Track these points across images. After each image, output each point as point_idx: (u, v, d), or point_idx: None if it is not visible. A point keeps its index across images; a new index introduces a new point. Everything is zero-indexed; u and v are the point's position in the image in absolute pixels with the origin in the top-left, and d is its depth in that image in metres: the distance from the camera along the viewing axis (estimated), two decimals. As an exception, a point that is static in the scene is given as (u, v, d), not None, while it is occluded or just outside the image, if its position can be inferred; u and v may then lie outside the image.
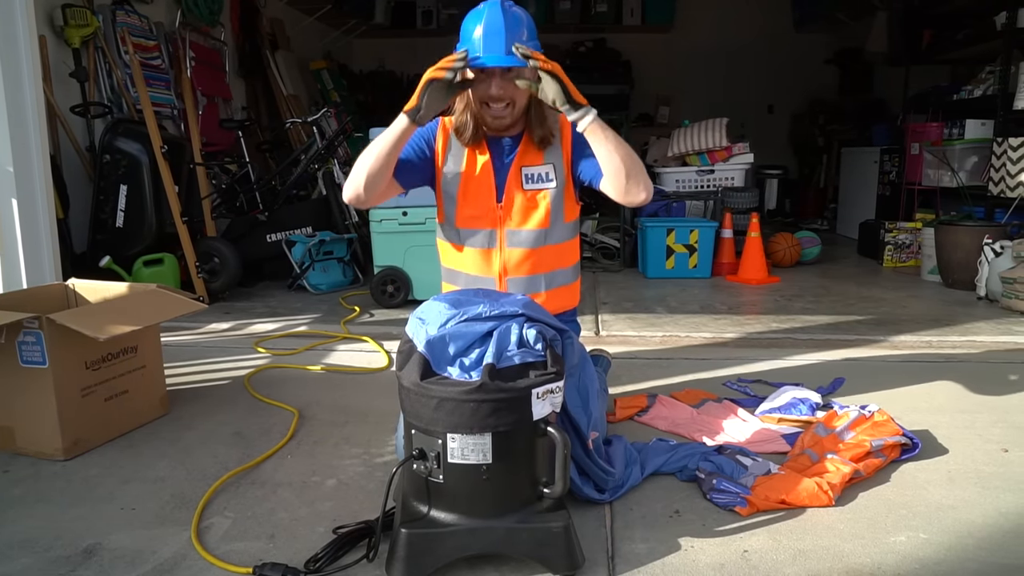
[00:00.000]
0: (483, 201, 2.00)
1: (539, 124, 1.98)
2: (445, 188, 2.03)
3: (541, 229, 2.00)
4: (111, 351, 2.15)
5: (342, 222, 4.55)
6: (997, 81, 4.71)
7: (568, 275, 2.11)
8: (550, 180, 2.00)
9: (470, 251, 2.03)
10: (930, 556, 1.51)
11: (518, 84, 1.83)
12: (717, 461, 1.84)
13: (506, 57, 1.80)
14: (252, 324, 3.51)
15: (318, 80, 7.11)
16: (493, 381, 1.37)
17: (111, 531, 1.63)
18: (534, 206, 1.99)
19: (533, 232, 2.00)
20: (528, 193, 1.99)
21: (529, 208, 1.99)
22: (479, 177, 2.00)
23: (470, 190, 2.00)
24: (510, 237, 2.00)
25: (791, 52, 8.45)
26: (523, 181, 1.99)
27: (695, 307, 3.84)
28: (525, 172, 1.99)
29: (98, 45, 4.11)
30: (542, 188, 2.00)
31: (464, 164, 2.01)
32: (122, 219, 3.90)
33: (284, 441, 2.12)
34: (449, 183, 2.02)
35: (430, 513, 1.44)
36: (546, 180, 2.00)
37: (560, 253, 2.06)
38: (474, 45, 1.82)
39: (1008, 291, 3.66)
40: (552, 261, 2.04)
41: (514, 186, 1.99)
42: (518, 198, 1.99)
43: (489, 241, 2.01)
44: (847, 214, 6.69)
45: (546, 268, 2.03)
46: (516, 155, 2.00)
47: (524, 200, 1.99)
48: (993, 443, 2.08)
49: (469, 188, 2.00)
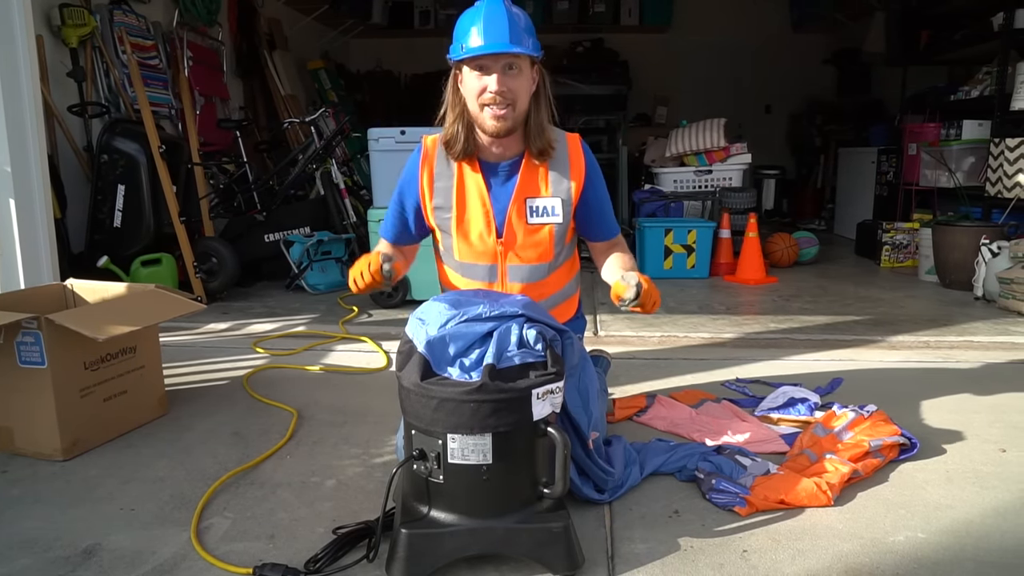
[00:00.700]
0: (481, 237, 1.90)
1: (538, 134, 1.86)
2: (439, 223, 1.93)
3: (544, 263, 1.93)
4: (110, 351, 2.15)
5: (340, 222, 4.55)
6: (994, 82, 4.72)
7: (569, 290, 2.08)
8: (556, 215, 1.89)
9: (470, 283, 1.96)
10: (928, 556, 1.52)
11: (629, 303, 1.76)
12: (716, 461, 1.84)
13: (509, 44, 1.72)
14: (250, 324, 3.51)
15: (316, 80, 7.10)
16: (493, 381, 1.38)
17: (111, 531, 1.63)
18: (538, 240, 1.90)
19: (536, 266, 1.93)
20: (532, 227, 1.89)
21: (532, 242, 1.90)
22: (474, 211, 1.89)
23: (467, 225, 1.90)
24: (512, 272, 1.93)
25: (789, 52, 8.46)
26: (528, 214, 1.88)
27: (693, 307, 3.85)
28: (530, 205, 1.88)
29: (95, 45, 4.10)
30: (547, 223, 1.89)
31: (455, 194, 1.89)
32: (120, 219, 3.89)
33: (283, 441, 2.12)
34: (442, 218, 1.92)
35: (430, 513, 1.45)
36: (552, 215, 1.89)
37: (561, 276, 2.02)
38: (471, 38, 1.75)
39: (1005, 291, 3.67)
40: (553, 287, 2.00)
41: (516, 219, 1.88)
42: (520, 232, 1.88)
43: (489, 275, 1.94)
44: (844, 214, 6.70)
45: (548, 293, 1.98)
46: (517, 184, 1.88)
47: (527, 234, 1.89)
48: (991, 443, 2.09)
49: (465, 223, 1.90)
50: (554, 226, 1.90)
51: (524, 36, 1.77)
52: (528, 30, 1.80)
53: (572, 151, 1.92)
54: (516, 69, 1.78)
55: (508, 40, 1.73)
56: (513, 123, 1.82)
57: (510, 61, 1.76)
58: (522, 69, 1.79)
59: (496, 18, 1.74)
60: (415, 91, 8.56)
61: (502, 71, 1.76)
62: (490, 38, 1.73)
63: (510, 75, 1.78)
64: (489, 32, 1.73)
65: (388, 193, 3.84)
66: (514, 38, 1.74)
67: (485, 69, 1.77)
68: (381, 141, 3.89)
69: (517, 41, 1.74)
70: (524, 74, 1.81)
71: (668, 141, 5.55)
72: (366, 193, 5.23)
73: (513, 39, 1.73)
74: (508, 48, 1.73)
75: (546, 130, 1.89)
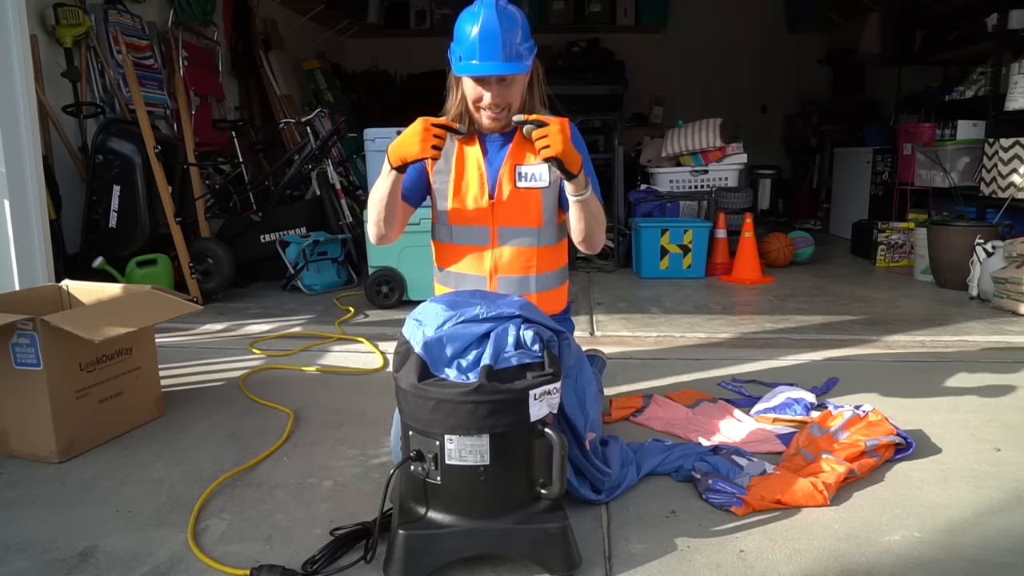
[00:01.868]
0: (475, 198, 1.99)
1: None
2: (437, 186, 2.02)
3: (534, 228, 1.99)
4: (106, 353, 2.15)
5: (336, 222, 4.54)
6: (988, 82, 4.74)
7: (558, 278, 2.10)
8: (542, 180, 1.98)
9: (462, 249, 2.02)
10: (925, 555, 1.52)
11: (515, 119, 1.80)
12: (713, 461, 1.84)
13: (503, 65, 1.79)
14: (246, 325, 3.50)
15: (311, 80, 7.09)
16: (491, 383, 1.38)
17: (107, 533, 1.63)
18: (526, 204, 1.98)
19: (526, 231, 1.99)
20: (521, 191, 1.98)
21: (521, 206, 1.98)
22: (471, 173, 1.99)
23: (462, 186, 1.99)
24: (503, 235, 1.99)
25: (784, 52, 8.48)
26: (516, 179, 1.98)
27: (689, 307, 3.85)
28: (519, 170, 1.98)
29: (90, 45, 4.09)
30: (534, 187, 1.98)
31: (454, 160, 2.00)
32: (115, 220, 3.88)
33: (280, 443, 2.12)
34: (441, 181, 2.02)
35: (428, 514, 1.45)
36: (538, 179, 1.98)
37: (551, 255, 2.05)
38: (468, 50, 1.81)
39: (1000, 291, 3.68)
40: (543, 263, 2.03)
41: (507, 183, 1.98)
42: (511, 195, 1.98)
43: (481, 238, 2.00)
44: (840, 214, 6.72)
45: (537, 270, 2.02)
46: (509, 151, 1.99)
47: (517, 197, 1.98)
48: (986, 442, 2.10)
49: (461, 184, 1.99)
50: (540, 191, 1.98)
51: (519, 48, 1.82)
52: (524, 36, 1.84)
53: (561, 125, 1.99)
54: (510, 80, 1.86)
55: (501, 59, 1.79)
56: (507, 121, 1.93)
57: (503, 75, 1.84)
58: (516, 78, 1.87)
59: (490, 32, 1.77)
60: (411, 91, 8.56)
61: (497, 83, 1.85)
62: (485, 57, 1.79)
63: (504, 86, 1.86)
64: (484, 50, 1.78)
65: (384, 193, 3.88)
66: (507, 54, 1.79)
67: (481, 82, 1.86)
68: (377, 141, 3.89)
69: (511, 57, 1.80)
70: (518, 81, 1.88)
71: (664, 141, 5.56)
72: (362, 193, 5.22)
73: (507, 55, 1.79)
74: (501, 71, 1.80)
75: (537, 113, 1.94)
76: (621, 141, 5.67)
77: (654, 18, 8.37)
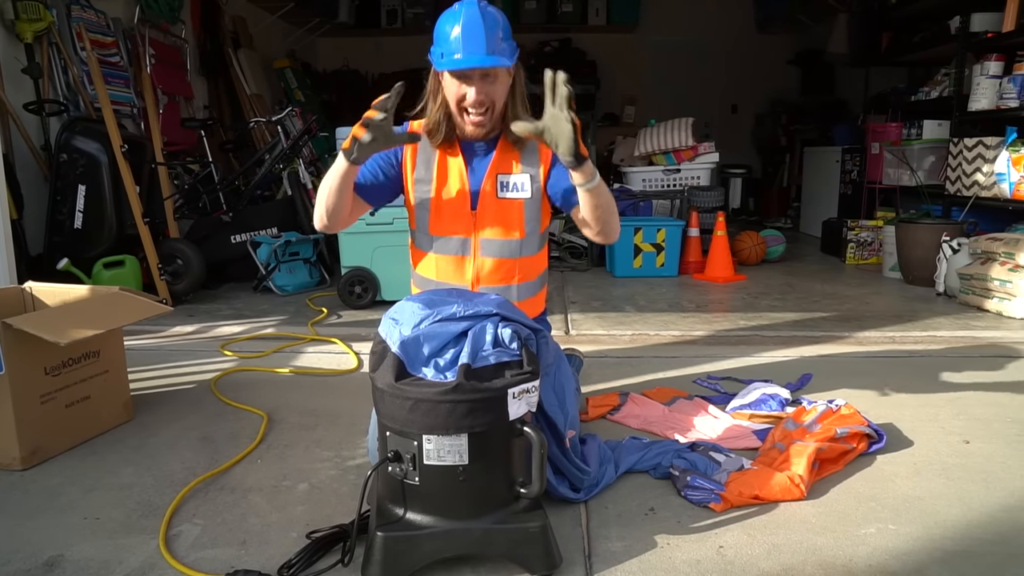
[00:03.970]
0: (457, 208, 1.95)
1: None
2: (417, 196, 1.98)
3: (516, 239, 1.96)
4: (72, 356, 2.09)
5: (308, 222, 4.49)
6: (952, 83, 4.84)
7: (538, 284, 2.09)
8: (524, 190, 1.95)
9: (443, 258, 1.99)
10: (900, 547, 1.54)
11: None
12: (690, 458, 1.85)
13: (487, 57, 1.76)
14: (217, 327, 3.44)
15: (282, 79, 7.01)
16: (469, 381, 1.36)
17: (74, 542, 1.58)
18: (508, 215, 1.95)
19: (508, 242, 1.96)
20: (503, 201, 1.95)
21: (503, 217, 1.95)
22: (453, 183, 1.95)
23: (444, 197, 1.96)
24: (484, 246, 1.96)
25: (754, 53, 8.58)
26: (498, 188, 1.95)
27: (663, 305, 3.87)
28: (500, 180, 1.95)
29: (52, 41, 3.99)
30: (516, 197, 1.95)
31: (436, 169, 1.96)
32: (80, 220, 3.79)
33: (253, 445, 2.09)
34: (421, 190, 1.97)
35: (406, 516, 1.43)
36: (521, 190, 1.95)
37: (532, 264, 2.03)
38: (451, 46, 1.77)
39: (966, 287, 3.76)
40: (525, 272, 2.01)
41: (489, 193, 1.94)
42: (492, 206, 1.95)
43: (463, 249, 1.97)
44: (810, 213, 6.81)
45: (519, 279, 2.00)
46: (492, 160, 1.95)
47: (498, 208, 1.95)
48: (955, 435, 2.13)
49: (442, 195, 1.96)
50: (523, 201, 1.95)
51: (502, 45, 1.79)
52: (506, 35, 1.81)
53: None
54: (493, 76, 1.82)
55: (485, 52, 1.75)
56: (491, 125, 1.89)
57: (487, 70, 1.80)
58: (499, 75, 1.83)
59: (473, 29, 1.75)
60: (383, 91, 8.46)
61: (480, 79, 1.81)
62: (468, 51, 1.75)
63: (488, 82, 1.82)
64: (468, 44, 1.75)
65: (357, 193, 3.84)
66: (491, 48, 1.76)
67: (464, 78, 1.81)
68: (350, 140, 3.84)
69: (494, 52, 1.77)
70: (501, 79, 1.84)
71: (637, 140, 5.58)
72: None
73: (490, 50, 1.76)
74: (485, 63, 1.76)
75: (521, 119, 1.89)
76: (594, 140, 5.69)
77: (625, 18, 8.42)
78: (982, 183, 4.24)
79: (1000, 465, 1.93)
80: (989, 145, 4.20)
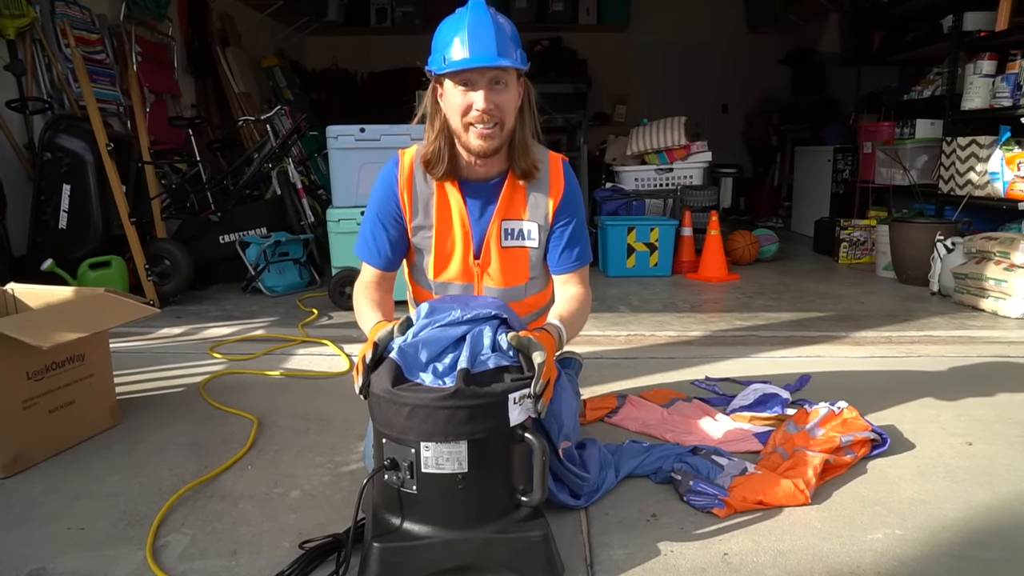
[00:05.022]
0: (460, 257, 1.80)
1: (523, 153, 1.73)
2: (418, 242, 1.83)
3: (520, 285, 1.84)
4: (55, 360, 2.03)
5: (297, 222, 4.43)
6: (945, 82, 4.84)
7: (543, 311, 1.97)
8: (531, 239, 1.79)
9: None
10: (907, 553, 1.51)
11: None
12: (692, 462, 1.81)
13: (498, 57, 1.56)
14: (206, 328, 3.38)
15: (270, 78, 6.93)
16: (468, 386, 1.32)
17: (57, 554, 1.53)
18: (514, 264, 1.81)
19: (512, 288, 1.83)
20: (508, 251, 1.79)
21: (508, 265, 1.80)
22: (455, 232, 1.78)
23: (446, 246, 1.80)
24: (487, 292, 1.83)
25: (744, 52, 8.57)
26: (503, 237, 1.78)
27: (658, 305, 3.84)
28: (506, 227, 1.78)
29: (35, 37, 3.91)
30: (522, 246, 1.80)
31: (435, 214, 1.78)
32: (65, 220, 3.72)
33: (244, 451, 2.03)
34: (423, 236, 1.80)
35: (403, 526, 1.38)
36: (527, 238, 1.80)
37: (538, 299, 1.93)
38: (454, 49, 1.58)
39: (960, 286, 3.74)
40: (530, 307, 1.91)
41: (494, 241, 1.78)
42: (497, 254, 1.79)
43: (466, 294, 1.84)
44: (801, 212, 6.81)
45: (524, 313, 1.87)
46: (498, 205, 1.77)
47: (504, 257, 1.79)
48: (957, 436, 2.11)
49: (445, 244, 1.79)
50: (530, 251, 1.82)
51: (512, 47, 1.61)
52: (515, 40, 1.64)
53: (553, 173, 1.81)
54: (503, 84, 1.62)
55: (495, 52, 1.57)
56: (500, 142, 1.69)
57: (497, 75, 1.61)
58: (509, 84, 1.64)
59: (482, 28, 1.57)
60: (373, 90, 8.44)
61: (489, 86, 1.61)
62: (476, 51, 1.56)
63: (497, 90, 1.62)
64: (475, 44, 1.57)
65: (347, 192, 3.81)
66: (502, 50, 1.58)
67: (471, 84, 1.61)
68: (340, 139, 3.79)
69: (505, 53, 1.58)
70: (511, 89, 1.65)
71: (629, 139, 5.55)
72: (324, 192, 5.11)
73: (501, 51, 1.57)
74: (496, 62, 1.57)
75: (531, 149, 1.75)
76: (585, 139, 5.65)
77: (616, 17, 8.40)
78: (975, 182, 4.23)
79: (1004, 467, 1.91)
80: (982, 144, 4.20)
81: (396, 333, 1.47)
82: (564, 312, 1.72)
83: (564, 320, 1.65)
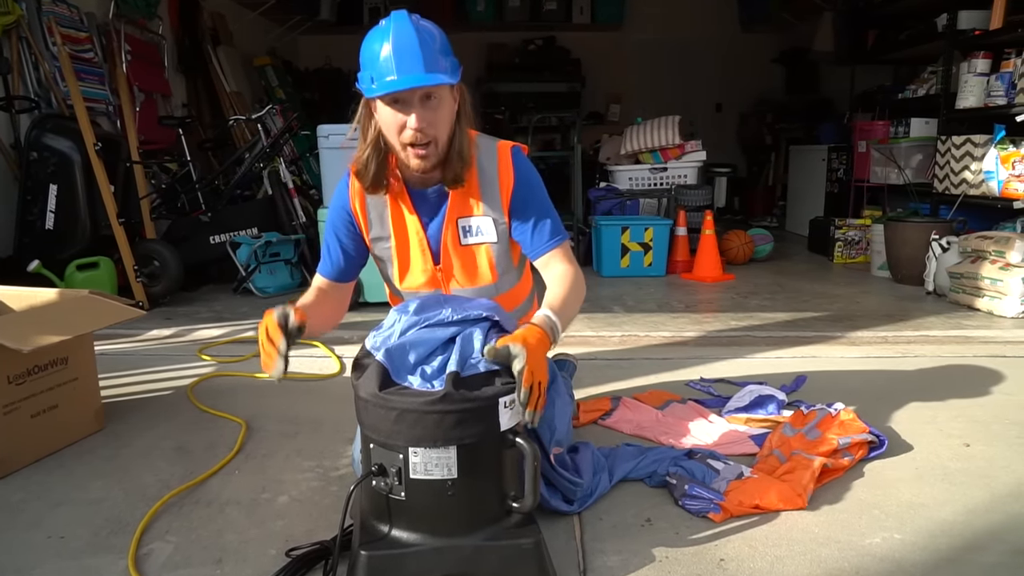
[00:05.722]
0: (421, 265, 1.77)
1: (457, 160, 1.65)
2: (378, 253, 1.81)
3: (489, 284, 1.79)
4: (38, 363, 1.99)
5: (289, 222, 4.39)
6: (939, 81, 4.82)
7: (524, 308, 1.95)
8: (488, 235, 1.74)
9: None
10: (907, 557, 1.48)
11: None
12: (688, 466, 1.78)
13: (427, 76, 1.50)
14: (195, 330, 3.33)
15: (262, 77, 6.89)
16: (458, 390, 1.29)
17: (37, 563, 1.49)
18: (475, 262, 1.76)
19: (480, 288, 1.78)
20: (467, 249, 1.75)
21: (470, 264, 1.76)
22: (411, 241, 1.76)
23: (405, 256, 1.78)
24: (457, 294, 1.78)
25: (738, 51, 8.56)
26: (460, 235, 1.74)
27: (652, 306, 3.81)
28: (462, 224, 1.73)
29: (22, 35, 3.86)
30: (481, 242, 1.75)
31: (391, 224, 1.75)
32: (52, 220, 3.67)
33: (231, 455, 1.99)
34: (382, 248, 1.79)
35: (391, 533, 1.35)
36: (484, 234, 1.74)
37: (513, 296, 1.88)
38: (382, 68, 1.51)
39: (956, 286, 3.73)
40: (513, 303, 1.87)
41: (451, 242, 1.74)
42: (456, 256, 1.76)
43: None
44: (796, 211, 6.79)
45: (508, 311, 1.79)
46: (448, 205, 1.73)
47: (463, 256, 1.76)
48: (955, 438, 2.08)
49: (403, 254, 1.77)
50: (489, 246, 1.77)
51: (440, 60, 1.54)
52: (443, 50, 1.56)
53: (502, 163, 1.75)
54: (436, 99, 1.55)
55: (423, 69, 1.50)
56: (437, 159, 1.63)
57: (428, 91, 1.54)
58: (442, 98, 1.57)
59: (406, 44, 1.49)
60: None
61: (420, 104, 1.54)
62: (403, 70, 1.49)
63: (430, 106, 1.55)
64: (401, 62, 1.49)
65: (340, 192, 3.75)
66: (429, 65, 1.50)
67: (401, 103, 1.54)
68: (332, 138, 3.75)
69: (434, 68, 1.51)
70: (444, 102, 1.58)
71: (623, 138, 5.52)
72: (315, 192, 5.07)
73: (429, 66, 1.50)
74: (424, 81, 1.50)
75: (466, 154, 1.67)
76: (579, 139, 5.63)
77: (609, 16, 8.37)
78: (970, 181, 4.22)
79: (1003, 469, 1.89)
80: (977, 143, 4.18)
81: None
82: (554, 297, 1.65)
83: (555, 307, 1.58)
